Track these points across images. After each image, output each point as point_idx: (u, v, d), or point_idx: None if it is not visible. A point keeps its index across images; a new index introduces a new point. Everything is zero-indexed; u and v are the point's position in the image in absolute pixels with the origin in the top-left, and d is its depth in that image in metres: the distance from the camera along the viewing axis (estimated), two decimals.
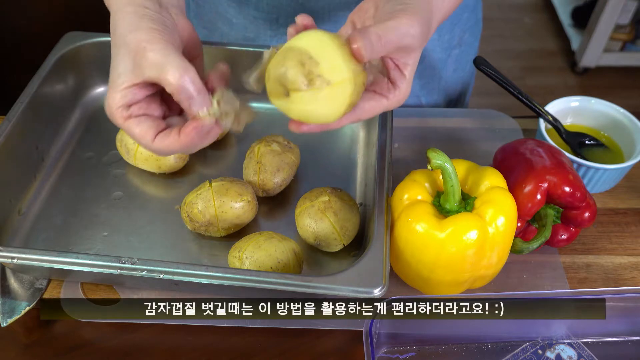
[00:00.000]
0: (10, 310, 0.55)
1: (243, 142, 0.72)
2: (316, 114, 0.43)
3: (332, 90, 0.42)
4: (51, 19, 1.42)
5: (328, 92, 0.42)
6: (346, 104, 0.43)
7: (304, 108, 0.43)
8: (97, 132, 0.72)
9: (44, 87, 0.67)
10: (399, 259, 0.54)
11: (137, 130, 0.46)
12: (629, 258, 0.62)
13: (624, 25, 2.06)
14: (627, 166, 0.63)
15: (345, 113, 0.44)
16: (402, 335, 0.54)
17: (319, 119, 0.44)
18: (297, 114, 0.44)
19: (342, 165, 0.70)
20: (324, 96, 0.42)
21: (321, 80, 0.41)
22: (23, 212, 0.63)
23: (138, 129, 0.46)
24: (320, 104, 0.42)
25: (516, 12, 2.52)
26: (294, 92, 0.42)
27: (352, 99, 0.43)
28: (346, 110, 0.44)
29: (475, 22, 0.83)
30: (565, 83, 2.16)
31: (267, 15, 0.72)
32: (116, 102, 0.45)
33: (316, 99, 0.42)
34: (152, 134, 0.46)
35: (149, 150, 0.47)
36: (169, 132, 0.46)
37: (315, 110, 0.43)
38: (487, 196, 0.52)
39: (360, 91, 0.44)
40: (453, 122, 0.76)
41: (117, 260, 0.50)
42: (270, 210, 0.65)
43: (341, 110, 0.44)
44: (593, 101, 0.70)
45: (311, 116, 0.44)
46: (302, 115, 0.44)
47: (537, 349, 0.54)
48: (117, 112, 0.46)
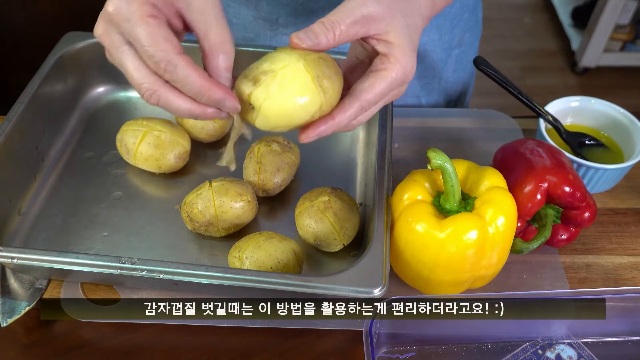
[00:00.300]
0: (10, 310, 0.55)
1: (243, 142, 0.72)
2: (287, 102, 0.43)
3: (280, 76, 0.42)
4: (51, 19, 1.42)
5: (278, 80, 0.42)
6: (309, 77, 0.42)
7: (269, 104, 0.42)
8: (97, 132, 0.73)
9: (44, 87, 0.67)
10: (399, 259, 0.54)
11: (162, 32, 0.38)
12: (629, 258, 0.62)
13: (624, 25, 2.06)
14: (627, 166, 0.63)
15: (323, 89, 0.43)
16: (402, 335, 0.54)
17: (299, 106, 0.43)
18: (274, 116, 0.43)
19: (342, 165, 0.70)
20: (276, 84, 0.42)
21: (263, 75, 0.42)
22: (23, 212, 0.63)
23: (164, 30, 0.39)
24: (279, 92, 0.42)
25: (516, 12, 2.52)
26: (252, 98, 0.43)
27: (311, 71, 0.43)
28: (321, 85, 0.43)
29: (476, 22, 0.83)
30: (565, 83, 2.16)
31: (267, 15, 0.72)
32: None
33: (270, 90, 0.42)
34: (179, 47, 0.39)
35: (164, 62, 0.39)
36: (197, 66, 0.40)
37: (280, 101, 0.42)
38: (487, 196, 0.52)
39: (319, 64, 0.43)
40: (453, 122, 0.76)
41: (117, 260, 0.50)
42: (270, 210, 0.65)
43: (309, 86, 0.42)
44: (593, 101, 0.70)
45: (286, 109, 0.43)
46: (275, 114, 0.43)
47: (537, 349, 0.54)
48: (134, 5, 0.38)
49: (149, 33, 0.38)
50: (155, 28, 0.38)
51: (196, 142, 0.70)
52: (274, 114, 0.43)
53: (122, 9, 0.39)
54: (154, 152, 0.64)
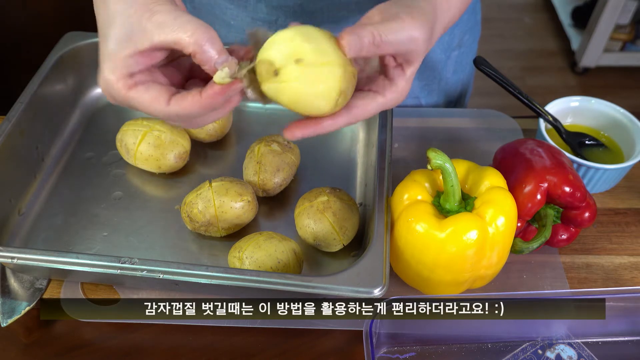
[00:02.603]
0: (10, 310, 0.55)
1: (243, 142, 0.72)
2: (306, 95, 0.42)
3: (321, 71, 0.42)
4: (51, 19, 1.42)
5: (318, 72, 0.42)
6: (337, 89, 0.42)
7: (294, 87, 0.42)
8: (97, 132, 0.73)
9: (44, 87, 0.67)
10: (399, 259, 0.54)
11: (147, 96, 0.41)
12: (629, 258, 0.62)
13: (624, 25, 2.06)
14: (627, 166, 0.63)
15: (337, 104, 0.43)
16: (402, 335, 0.54)
17: (311, 104, 0.43)
18: (288, 95, 0.43)
19: (342, 165, 0.70)
20: (313, 75, 0.42)
21: (308, 59, 0.41)
22: (23, 212, 0.63)
23: (148, 95, 0.41)
24: (311, 83, 0.42)
25: (516, 12, 2.52)
26: (283, 70, 0.42)
27: (342, 84, 0.43)
28: (338, 100, 0.43)
29: (475, 23, 0.83)
30: (565, 83, 2.16)
31: (265, 17, 0.72)
32: (117, 71, 0.41)
33: (306, 77, 0.42)
34: (166, 97, 0.42)
35: (163, 117, 0.43)
36: (186, 94, 0.42)
37: (305, 90, 0.42)
38: (487, 196, 0.52)
39: (351, 81, 0.44)
40: (453, 122, 0.76)
41: (117, 260, 0.50)
42: (270, 210, 0.65)
43: (332, 96, 0.43)
44: (593, 101, 0.70)
45: (302, 99, 0.43)
46: (293, 97, 0.43)
47: (537, 349, 0.54)
48: (119, 83, 0.41)
49: (138, 103, 0.42)
50: (139, 97, 0.41)
51: (196, 142, 0.70)
52: (290, 95, 0.43)
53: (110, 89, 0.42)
54: (154, 152, 0.64)
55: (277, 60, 0.42)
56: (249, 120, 0.74)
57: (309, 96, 0.42)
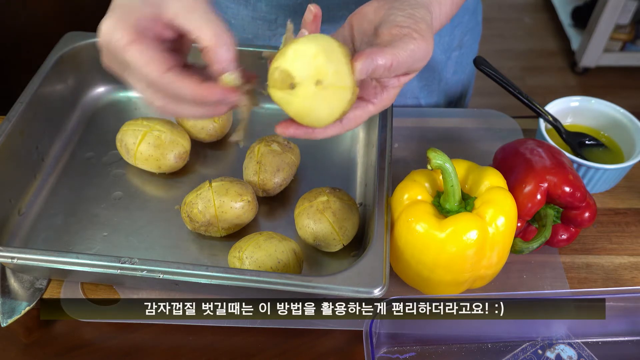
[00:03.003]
0: (10, 310, 0.55)
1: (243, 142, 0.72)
2: (314, 113, 0.43)
3: (334, 93, 0.42)
4: (51, 19, 1.42)
5: (331, 94, 0.42)
6: (341, 111, 0.44)
7: (305, 104, 0.43)
8: (97, 132, 0.73)
9: (44, 87, 0.67)
10: (399, 259, 0.54)
11: (146, 55, 0.39)
12: (629, 258, 0.62)
13: (624, 25, 2.06)
14: (627, 166, 0.63)
15: (335, 120, 0.45)
16: (402, 335, 0.54)
17: (314, 120, 0.44)
18: (296, 109, 0.43)
19: (342, 165, 0.70)
20: (326, 96, 0.42)
21: (328, 81, 0.42)
22: (23, 212, 0.63)
23: (147, 54, 0.39)
24: (321, 103, 0.43)
25: (516, 12, 2.52)
26: (300, 86, 0.42)
27: (347, 107, 0.44)
28: (337, 118, 0.44)
29: (476, 24, 0.83)
30: (565, 83, 2.16)
31: (265, 16, 0.72)
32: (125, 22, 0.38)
33: (319, 97, 0.42)
34: (165, 65, 0.39)
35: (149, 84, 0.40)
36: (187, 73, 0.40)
37: (315, 109, 0.43)
38: (487, 196, 0.52)
39: (353, 102, 0.45)
40: (453, 122, 0.76)
41: (117, 260, 0.50)
42: (270, 210, 0.65)
43: (335, 116, 0.44)
44: (593, 101, 0.70)
45: (308, 115, 0.44)
46: (300, 112, 0.44)
47: (537, 349, 0.54)
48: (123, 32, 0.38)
49: (134, 59, 0.39)
50: (138, 54, 0.39)
51: (196, 142, 0.70)
52: (298, 109, 0.43)
53: (110, 36, 0.40)
54: (154, 152, 0.64)
55: (298, 76, 0.42)
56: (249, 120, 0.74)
57: (315, 112, 0.43)
